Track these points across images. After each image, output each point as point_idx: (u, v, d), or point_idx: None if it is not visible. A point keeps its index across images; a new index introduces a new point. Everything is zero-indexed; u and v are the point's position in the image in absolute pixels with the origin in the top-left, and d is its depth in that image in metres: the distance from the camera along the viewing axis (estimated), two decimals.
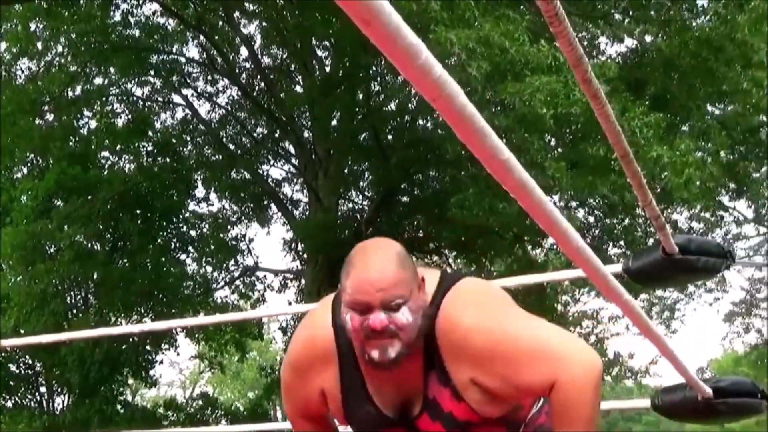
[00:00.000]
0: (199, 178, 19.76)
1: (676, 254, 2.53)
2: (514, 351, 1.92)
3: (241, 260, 20.75)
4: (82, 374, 17.58)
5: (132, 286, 17.47)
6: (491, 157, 0.92)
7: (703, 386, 2.56)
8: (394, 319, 1.88)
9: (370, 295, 1.89)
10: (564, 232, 1.23)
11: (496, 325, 1.95)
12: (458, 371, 1.98)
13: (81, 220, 16.95)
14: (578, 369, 1.88)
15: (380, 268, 1.92)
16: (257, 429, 14.39)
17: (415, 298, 1.92)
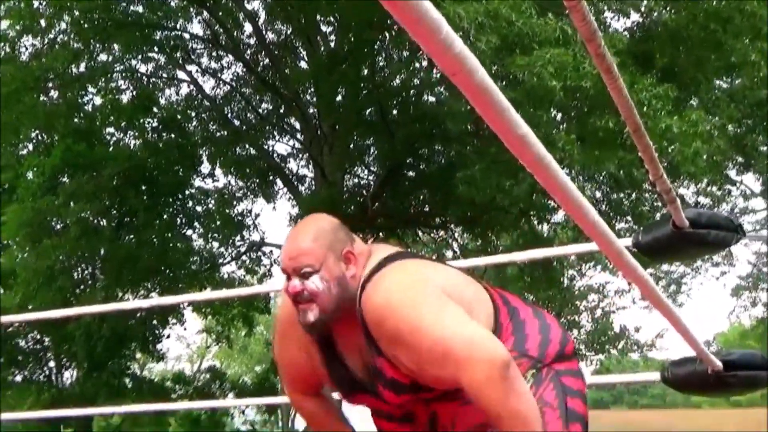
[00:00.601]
0: (204, 153, 19.76)
1: (686, 228, 2.52)
2: (417, 347, 2.01)
3: (247, 235, 20.78)
4: (89, 349, 17.68)
5: (138, 262, 17.51)
6: (509, 131, 0.92)
7: (713, 359, 2.57)
8: (306, 286, 2.09)
9: (284, 263, 2.15)
10: (580, 206, 1.22)
11: (405, 311, 2.03)
12: (385, 347, 2.10)
13: (87, 196, 16.98)
14: (478, 369, 1.93)
15: (294, 240, 2.15)
16: (265, 402, 14.58)
17: (328, 268, 2.10)
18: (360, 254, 2.18)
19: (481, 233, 19.91)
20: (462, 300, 2.11)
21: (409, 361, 2.06)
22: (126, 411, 14.64)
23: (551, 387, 2.17)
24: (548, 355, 2.23)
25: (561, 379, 2.21)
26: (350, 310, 2.13)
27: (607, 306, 27.38)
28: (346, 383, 2.26)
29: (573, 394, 2.20)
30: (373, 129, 18.23)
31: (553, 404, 2.15)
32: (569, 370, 2.26)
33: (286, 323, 2.30)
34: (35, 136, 19.03)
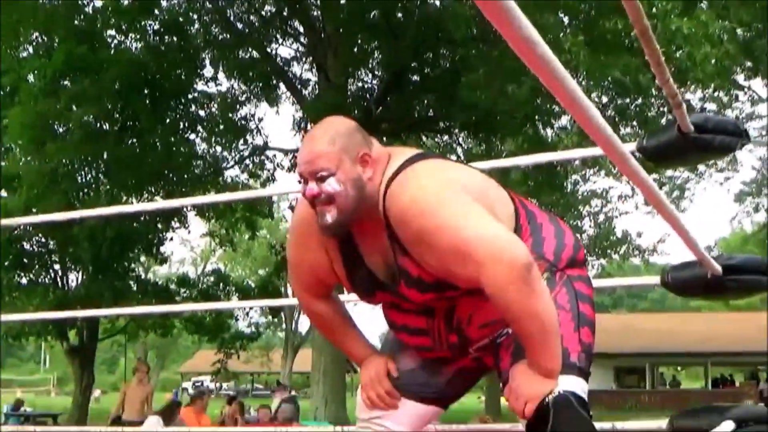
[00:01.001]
0: (206, 57, 19.56)
1: (691, 133, 2.51)
2: (441, 246, 2.03)
3: (251, 140, 20.75)
4: (94, 252, 17.82)
5: (142, 166, 17.51)
6: (514, 32, 0.90)
7: (713, 263, 2.58)
8: (322, 189, 2.10)
9: (301, 167, 2.15)
10: (585, 110, 1.21)
11: (430, 210, 2.05)
12: (407, 244, 2.12)
13: (89, 99, 16.86)
14: (499, 270, 1.96)
15: (309, 144, 2.17)
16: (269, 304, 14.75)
17: (344, 170, 2.11)
18: (378, 157, 2.18)
19: (485, 138, 19.86)
20: (485, 200, 2.13)
21: (433, 260, 2.08)
22: (131, 313, 14.86)
23: (564, 291, 2.22)
24: (562, 260, 2.27)
25: (573, 284, 2.25)
26: (370, 212, 2.16)
27: (610, 211, 27.50)
28: (365, 284, 2.28)
29: (584, 299, 2.24)
30: (378, 32, 18.00)
31: (566, 307, 2.19)
32: (580, 276, 2.30)
33: (306, 222, 2.30)
34: (35, 38, 18.79)
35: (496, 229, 2.02)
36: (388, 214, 2.13)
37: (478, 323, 2.22)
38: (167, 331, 23.37)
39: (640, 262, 28.29)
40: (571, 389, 2.09)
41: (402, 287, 2.20)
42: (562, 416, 2.05)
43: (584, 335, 2.19)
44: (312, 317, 2.54)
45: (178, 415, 10.89)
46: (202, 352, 46.61)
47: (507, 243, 1.99)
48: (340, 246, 2.27)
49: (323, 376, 19.16)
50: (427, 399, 2.40)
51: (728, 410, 2.59)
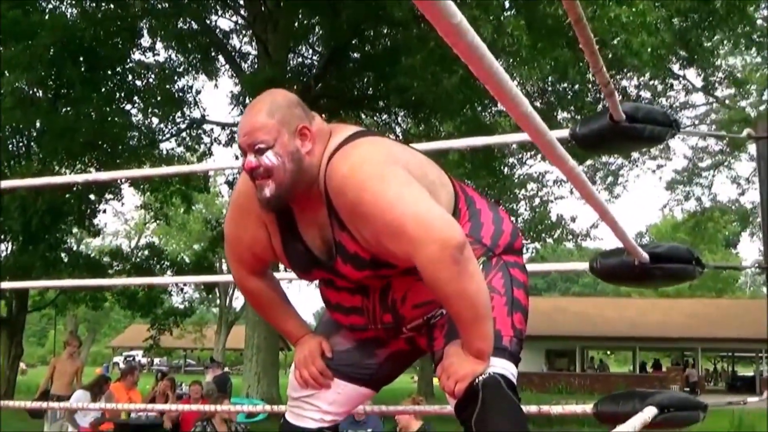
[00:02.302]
0: (144, 26, 19.21)
1: (623, 121, 2.53)
2: (376, 220, 2.02)
3: (188, 112, 20.51)
4: (24, 222, 17.44)
5: (76, 135, 17.15)
6: (442, 19, 0.89)
7: (640, 251, 2.61)
8: (261, 161, 2.10)
9: (240, 139, 2.16)
10: (512, 97, 1.21)
11: (369, 183, 2.03)
12: (346, 219, 2.11)
13: (22, 66, 16.45)
14: (432, 248, 1.94)
15: (248, 116, 2.16)
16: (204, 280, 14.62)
17: (282, 144, 2.11)
18: (318, 131, 2.17)
19: (424, 119, 19.90)
20: (425, 180, 2.11)
21: (368, 235, 2.07)
22: (61, 285, 14.59)
23: (500, 275, 2.24)
24: (499, 246, 2.29)
25: (509, 269, 2.26)
26: (309, 186, 2.15)
27: (546, 195, 27.82)
28: (302, 260, 2.27)
29: (519, 285, 2.26)
30: (319, 8, 17.86)
31: (501, 291, 2.21)
32: (516, 263, 2.31)
33: (245, 197, 2.28)
34: None
35: (432, 208, 2.01)
36: (328, 186, 2.11)
37: (413, 303, 2.22)
38: (98, 304, 23.07)
39: (573, 246, 28.68)
40: (501, 372, 2.10)
41: (338, 264, 2.19)
42: (491, 397, 2.06)
43: (517, 321, 2.21)
44: (247, 294, 2.51)
45: (107, 389, 10.76)
46: (134, 326, 46.22)
47: (441, 222, 1.98)
48: (279, 221, 2.27)
49: (256, 353, 19.11)
50: (359, 380, 2.39)
51: (651, 396, 2.64)
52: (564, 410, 3.01)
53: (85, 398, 10.24)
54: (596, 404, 2.78)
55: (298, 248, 2.26)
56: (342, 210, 2.10)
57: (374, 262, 2.14)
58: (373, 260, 2.13)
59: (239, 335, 29.55)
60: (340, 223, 2.13)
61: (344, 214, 2.10)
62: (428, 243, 1.94)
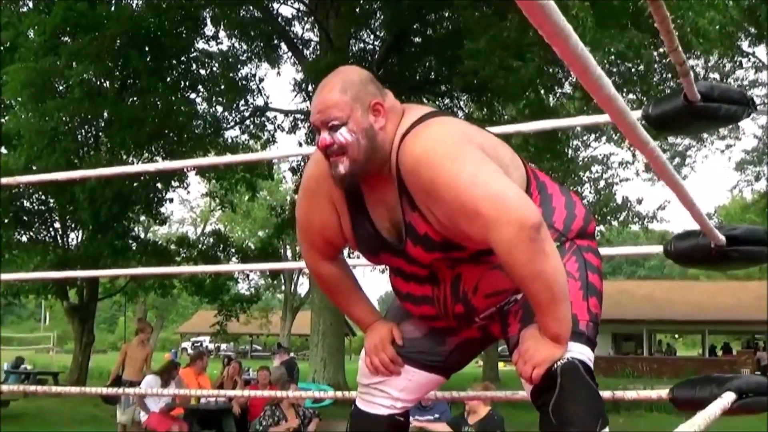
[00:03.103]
0: (207, 15, 19.40)
1: (698, 101, 2.48)
2: (452, 200, 2.00)
3: (251, 100, 20.69)
4: (93, 211, 17.78)
5: (142, 125, 17.43)
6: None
7: (717, 234, 2.56)
8: (335, 138, 2.11)
9: (313, 116, 2.17)
10: (596, 79, 1.19)
11: (444, 162, 2.01)
12: (417, 198, 2.10)
13: (89, 57, 16.72)
14: (508, 228, 1.92)
15: (322, 93, 2.16)
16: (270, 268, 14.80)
17: (356, 120, 2.11)
18: (392, 108, 2.18)
19: (487, 102, 19.77)
20: (499, 161, 2.10)
21: (442, 215, 2.05)
22: (130, 273, 14.83)
23: (574, 259, 2.21)
24: (572, 230, 2.26)
25: (584, 254, 2.24)
26: (382, 163, 2.15)
27: (611, 177, 27.44)
28: (371, 242, 2.26)
29: (593, 269, 2.23)
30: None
31: (576, 276, 2.18)
32: (590, 247, 2.27)
33: (317, 179, 2.29)
34: None
35: (508, 188, 1.98)
36: (401, 166, 2.10)
37: (484, 293, 2.20)
38: (167, 291, 23.44)
39: (640, 229, 28.25)
40: (579, 357, 2.07)
41: (408, 245, 2.18)
42: (569, 383, 2.03)
43: (592, 305, 2.18)
44: (318, 279, 2.51)
45: (177, 375, 10.94)
46: (201, 312, 46.82)
47: (517, 202, 1.96)
48: (348, 202, 2.26)
49: (322, 339, 19.23)
50: (429, 367, 2.39)
51: (729, 381, 2.59)
52: (639, 395, 2.97)
53: (155, 384, 10.42)
54: (672, 389, 2.73)
55: (366, 229, 2.25)
56: (414, 190, 2.09)
57: (445, 244, 2.12)
58: (444, 242, 2.12)
59: (304, 321, 29.78)
60: (411, 204, 2.12)
61: (416, 194, 2.08)
62: (504, 223, 1.92)
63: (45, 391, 4.60)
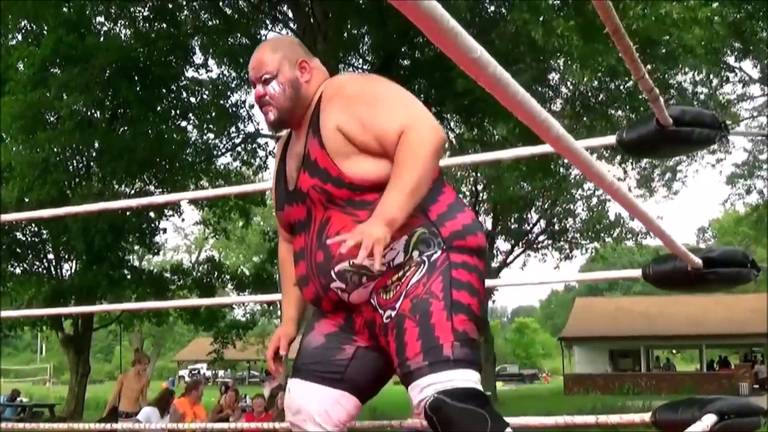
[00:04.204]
0: (196, 44, 19.48)
1: (670, 126, 2.50)
2: (378, 98, 2.32)
3: (242, 127, 20.71)
4: (87, 242, 17.77)
5: (134, 154, 17.45)
6: (462, 56, 0.89)
7: (692, 257, 2.57)
8: (266, 90, 2.46)
9: (250, 73, 2.53)
10: (542, 122, 1.20)
11: (369, 81, 2.43)
12: (328, 119, 2.36)
13: (79, 88, 16.78)
14: (427, 126, 2.24)
15: (256, 54, 2.52)
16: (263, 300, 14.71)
17: (284, 74, 2.47)
18: (317, 68, 2.53)
19: (477, 123, 19.83)
20: None
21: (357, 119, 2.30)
22: (126, 308, 14.83)
23: (440, 279, 2.25)
24: (445, 227, 2.32)
25: (452, 272, 2.27)
26: (303, 112, 2.47)
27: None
28: (281, 195, 2.53)
29: (460, 286, 2.27)
30: (367, 17, 17.92)
31: (439, 296, 2.23)
32: (465, 263, 2.31)
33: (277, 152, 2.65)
34: (24, 26, 18.70)
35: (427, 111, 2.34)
36: (323, 97, 2.42)
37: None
38: (162, 320, 23.40)
39: (634, 244, 28.33)
40: (447, 386, 2.13)
41: (301, 179, 2.39)
42: (443, 419, 2.11)
43: (458, 322, 2.21)
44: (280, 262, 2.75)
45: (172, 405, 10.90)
46: (198, 339, 46.70)
47: (435, 121, 2.30)
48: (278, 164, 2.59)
49: None
50: (330, 381, 2.42)
51: (710, 403, 2.59)
52: (621, 419, 2.97)
53: (153, 415, 10.39)
54: (654, 412, 2.74)
55: (281, 185, 2.53)
56: (333, 103, 2.37)
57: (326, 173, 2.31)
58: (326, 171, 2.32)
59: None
60: (315, 129, 2.38)
61: (334, 108, 2.36)
62: (426, 122, 2.25)
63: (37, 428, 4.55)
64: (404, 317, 2.23)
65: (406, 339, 2.21)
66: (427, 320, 2.19)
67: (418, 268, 2.26)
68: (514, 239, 31.08)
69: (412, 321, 2.21)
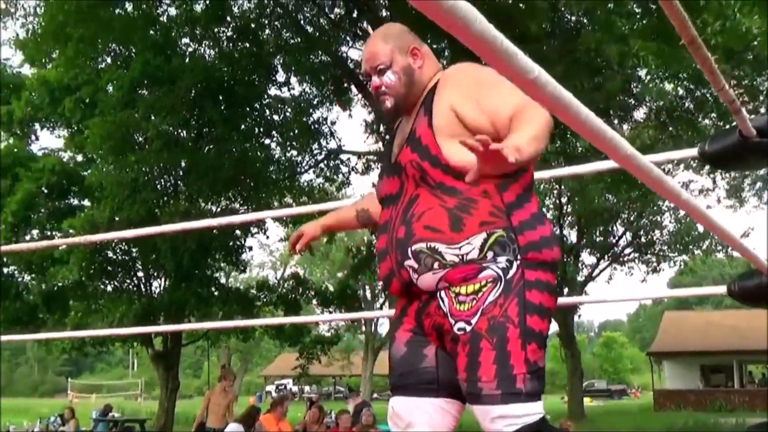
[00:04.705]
0: (278, 62, 19.73)
1: (753, 137, 2.43)
2: (492, 82, 2.34)
3: (325, 143, 20.88)
4: (176, 260, 18.12)
5: (219, 172, 17.75)
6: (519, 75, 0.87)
7: None
8: (382, 81, 2.56)
9: (364, 66, 2.64)
10: (609, 141, 1.17)
11: (484, 68, 2.40)
12: (441, 100, 2.43)
13: (166, 108, 17.18)
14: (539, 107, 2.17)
15: (368, 47, 2.62)
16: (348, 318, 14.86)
17: (397, 62, 2.55)
18: (428, 53, 2.61)
19: (560, 135, 19.59)
20: None
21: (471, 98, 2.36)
22: (214, 327, 15.03)
23: (515, 303, 2.26)
24: (523, 237, 2.32)
25: (526, 293, 2.28)
26: (417, 98, 2.55)
27: None
28: (384, 167, 2.65)
29: (533, 310, 2.28)
30: (444, 31, 17.89)
31: (515, 321, 2.25)
32: (538, 281, 2.31)
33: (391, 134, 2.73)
34: (113, 49, 19.20)
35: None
36: (440, 80, 2.50)
37: (425, 223, 2.35)
38: (248, 336, 23.67)
39: (724, 256, 27.64)
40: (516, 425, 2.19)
41: (403, 153, 2.47)
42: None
43: (530, 352, 2.25)
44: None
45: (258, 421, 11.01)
46: (284, 355, 47.15)
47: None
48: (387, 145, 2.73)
49: None
50: (429, 390, 2.43)
51: None
52: None
53: (239, 431, 10.50)
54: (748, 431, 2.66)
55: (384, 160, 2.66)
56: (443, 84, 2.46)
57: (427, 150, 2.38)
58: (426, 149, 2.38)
59: (386, 361, 29.68)
60: (427, 108, 2.46)
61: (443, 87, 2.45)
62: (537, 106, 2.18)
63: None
64: (480, 336, 2.25)
65: (480, 359, 2.24)
66: (503, 346, 2.22)
67: (495, 285, 2.27)
68: (600, 252, 30.61)
69: (488, 343, 2.24)
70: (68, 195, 21.04)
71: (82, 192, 20.34)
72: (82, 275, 18.38)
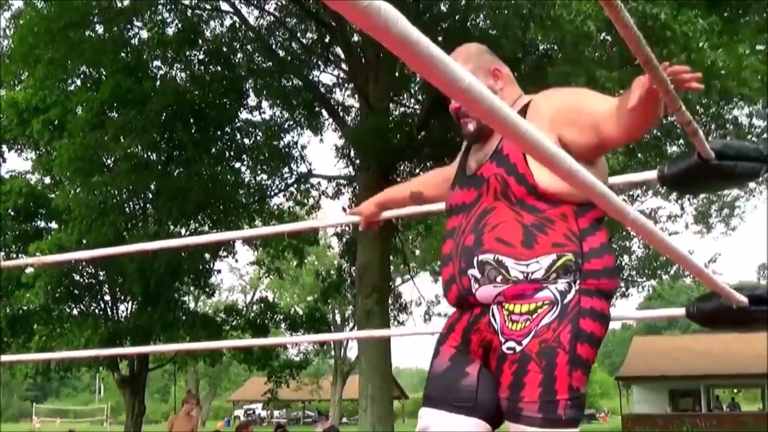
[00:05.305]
0: (250, 86, 19.74)
1: (712, 160, 2.45)
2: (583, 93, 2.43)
3: (295, 167, 20.86)
4: (143, 283, 17.99)
5: (189, 196, 17.68)
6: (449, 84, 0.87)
7: (735, 295, 2.50)
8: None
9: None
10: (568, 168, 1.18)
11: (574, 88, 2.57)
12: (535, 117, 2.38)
13: (136, 131, 17.11)
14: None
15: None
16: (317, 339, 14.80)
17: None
18: (509, 75, 2.63)
19: None
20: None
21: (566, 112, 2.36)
22: (180, 348, 14.91)
23: (569, 329, 2.28)
24: (589, 264, 2.35)
25: (580, 321, 2.30)
26: None
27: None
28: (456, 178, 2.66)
29: (584, 338, 2.30)
30: None
31: (566, 347, 2.26)
32: (592, 309, 2.32)
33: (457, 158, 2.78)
34: (83, 71, 19.12)
35: None
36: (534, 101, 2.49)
37: (496, 235, 2.37)
38: (216, 360, 23.50)
39: (692, 281, 27.81)
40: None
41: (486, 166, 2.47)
42: None
43: (575, 379, 2.27)
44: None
45: None
46: (253, 379, 46.79)
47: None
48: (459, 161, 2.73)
49: (371, 404, 19.05)
50: (463, 408, 2.41)
51: None
52: None
53: None
54: None
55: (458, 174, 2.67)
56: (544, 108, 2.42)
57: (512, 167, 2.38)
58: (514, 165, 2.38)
59: (355, 385, 29.58)
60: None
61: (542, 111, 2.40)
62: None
63: None
64: (530, 358, 2.27)
65: (525, 380, 2.27)
66: (551, 371, 2.24)
67: (551, 308, 2.29)
68: None
69: (537, 365, 2.26)
70: (35, 217, 20.87)
71: (50, 214, 20.19)
72: (48, 299, 18.18)
